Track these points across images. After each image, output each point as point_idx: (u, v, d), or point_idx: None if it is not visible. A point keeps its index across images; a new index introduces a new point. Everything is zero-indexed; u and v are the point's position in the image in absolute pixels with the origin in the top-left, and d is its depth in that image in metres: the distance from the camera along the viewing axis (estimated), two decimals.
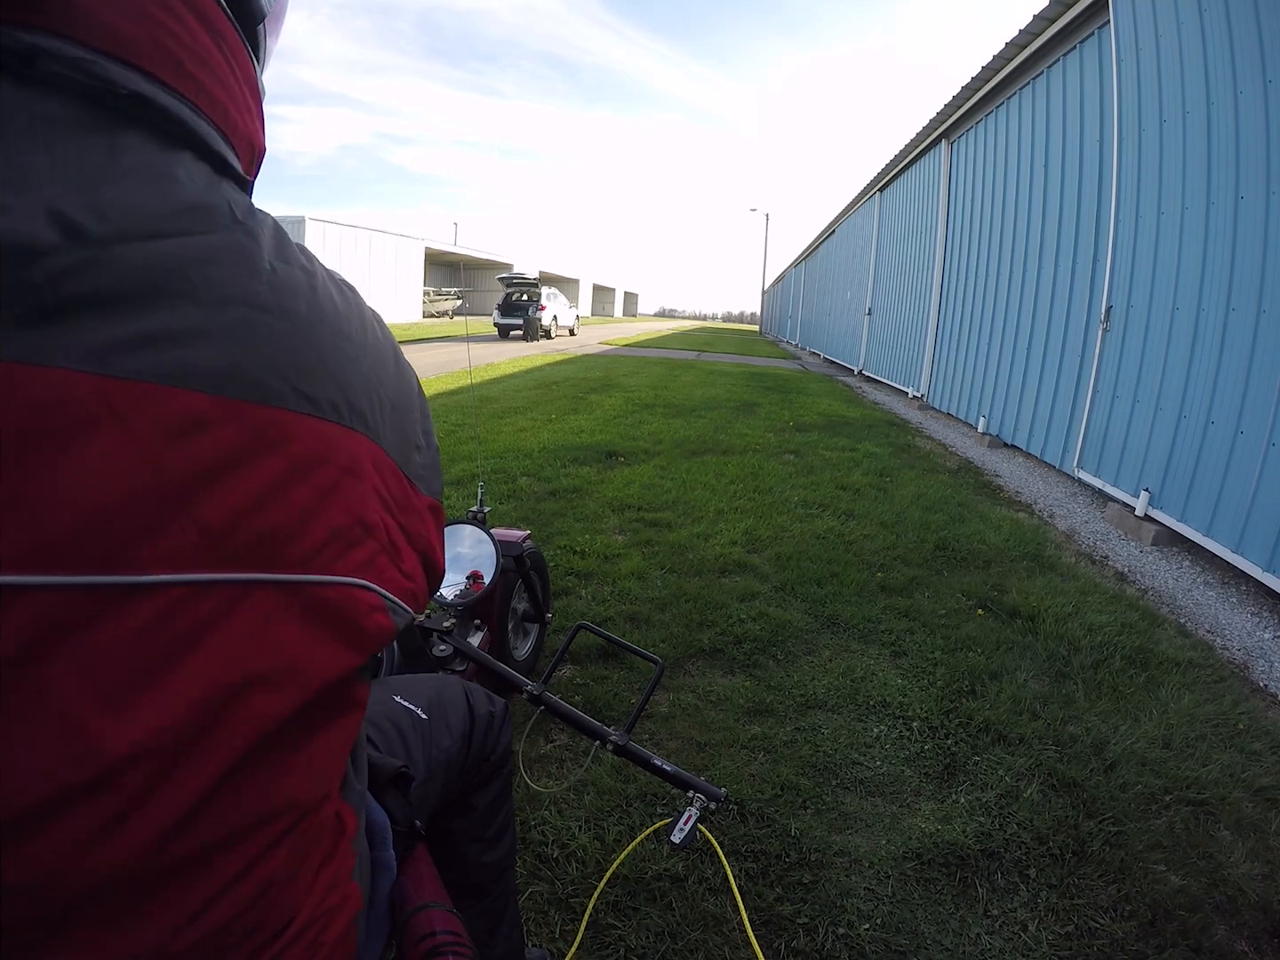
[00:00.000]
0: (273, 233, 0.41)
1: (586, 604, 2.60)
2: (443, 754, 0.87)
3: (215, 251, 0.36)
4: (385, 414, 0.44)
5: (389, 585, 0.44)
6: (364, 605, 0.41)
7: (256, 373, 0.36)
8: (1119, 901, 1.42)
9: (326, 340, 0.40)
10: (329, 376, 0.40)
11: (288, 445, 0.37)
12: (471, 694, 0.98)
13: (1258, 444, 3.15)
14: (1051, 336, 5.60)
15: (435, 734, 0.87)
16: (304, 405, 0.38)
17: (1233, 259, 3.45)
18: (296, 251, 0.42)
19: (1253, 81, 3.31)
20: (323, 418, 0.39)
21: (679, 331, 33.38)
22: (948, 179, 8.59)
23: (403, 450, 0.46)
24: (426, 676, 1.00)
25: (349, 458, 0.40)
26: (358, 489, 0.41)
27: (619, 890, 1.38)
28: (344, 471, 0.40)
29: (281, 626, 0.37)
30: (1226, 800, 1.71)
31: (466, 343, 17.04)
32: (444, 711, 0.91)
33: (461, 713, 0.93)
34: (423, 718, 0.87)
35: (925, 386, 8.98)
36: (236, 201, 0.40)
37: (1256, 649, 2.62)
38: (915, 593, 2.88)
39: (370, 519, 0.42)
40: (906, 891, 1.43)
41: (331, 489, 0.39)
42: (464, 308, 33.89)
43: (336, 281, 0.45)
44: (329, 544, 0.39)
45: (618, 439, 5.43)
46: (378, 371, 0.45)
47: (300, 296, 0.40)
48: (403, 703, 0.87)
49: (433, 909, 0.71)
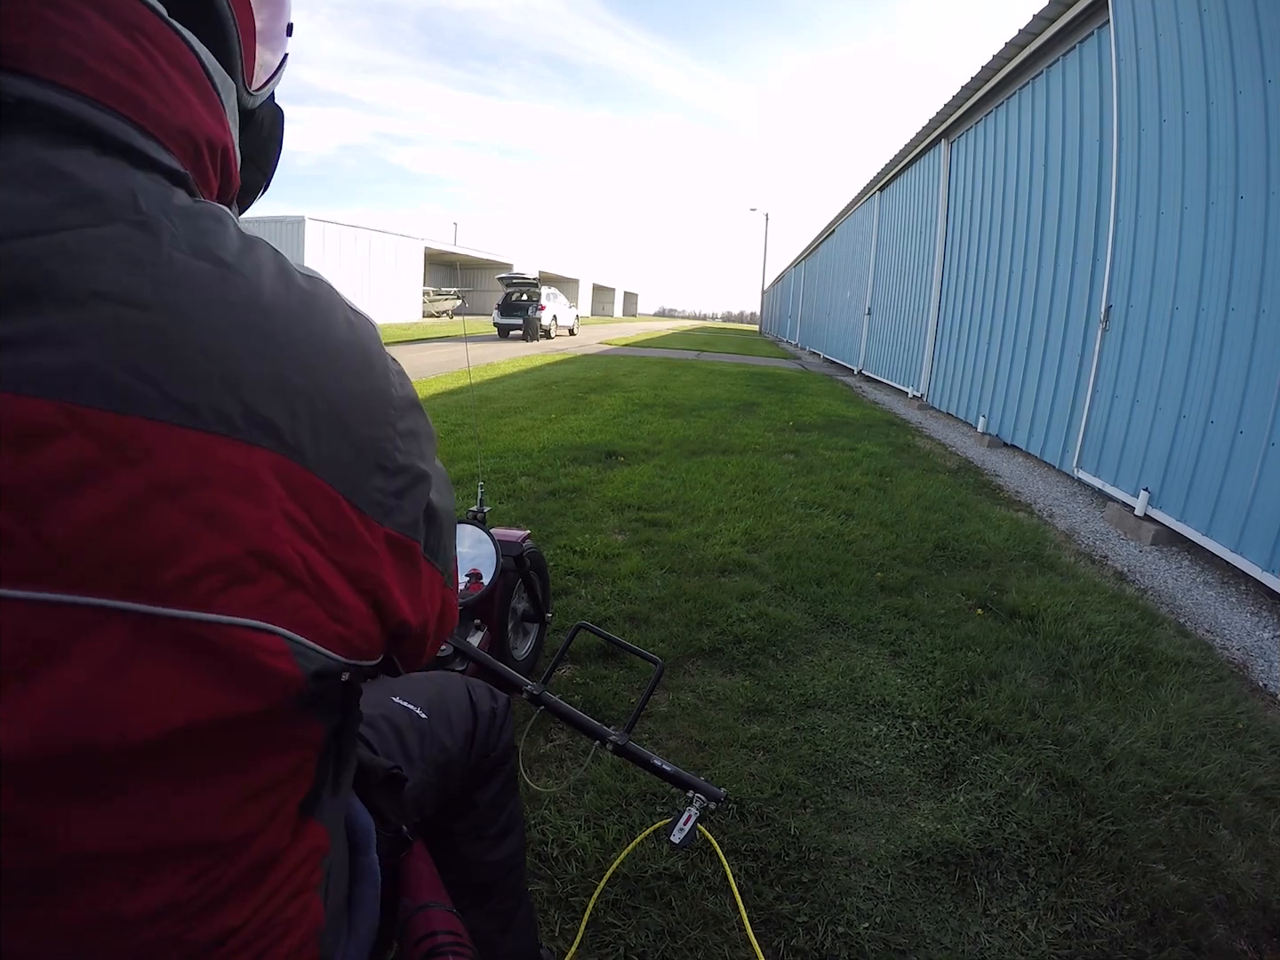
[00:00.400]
0: (201, 223, 0.38)
1: (586, 604, 2.60)
2: (443, 754, 0.85)
3: (95, 245, 0.34)
4: (319, 426, 0.38)
5: (304, 629, 0.38)
6: (258, 648, 0.36)
7: (116, 376, 0.32)
8: (1118, 900, 1.43)
9: (227, 338, 0.35)
10: (220, 380, 0.34)
11: (150, 460, 0.32)
12: (474, 690, 0.97)
13: (1257, 443, 3.15)
14: (1051, 336, 5.60)
15: (435, 733, 0.86)
16: (177, 414, 0.33)
17: (1232, 258, 3.46)
18: (237, 241, 0.39)
19: (1252, 81, 3.31)
20: (203, 429, 0.34)
21: (679, 331, 33.39)
22: (947, 178, 8.59)
23: (349, 471, 0.40)
24: (427, 675, 0.98)
25: (241, 477, 0.35)
26: (254, 515, 0.35)
27: (619, 889, 1.38)
28: (233, 493, 0.34)
29: (140, 660, 0.33)
30: (1225, 799, 1.71)
31: (465, 343, 17.04)
32: (445, 710, 0.90)
33: (463, 711, 0.92)
34: (422, 717, 0.86)
35: (925, 386, 8.98)
36: (150, 193, 0.37)
37: (1256, 648, 2.63)
38: (915, 592, 2.88)
39: (275, 550, 0.36)
40: (906, 890, 1.43)
41: (211, 513, 0.34)
42: (463, 308, 33.88)
43: (293, 273, 0.41)
44: (206, 575, 0.34)
45: (617, 439, 5.43)
46: (315, 375, 0.38)
47: (197, 290, 0.35)
48: (401, 703, 0.86)
49: (433, 909, 0.71)
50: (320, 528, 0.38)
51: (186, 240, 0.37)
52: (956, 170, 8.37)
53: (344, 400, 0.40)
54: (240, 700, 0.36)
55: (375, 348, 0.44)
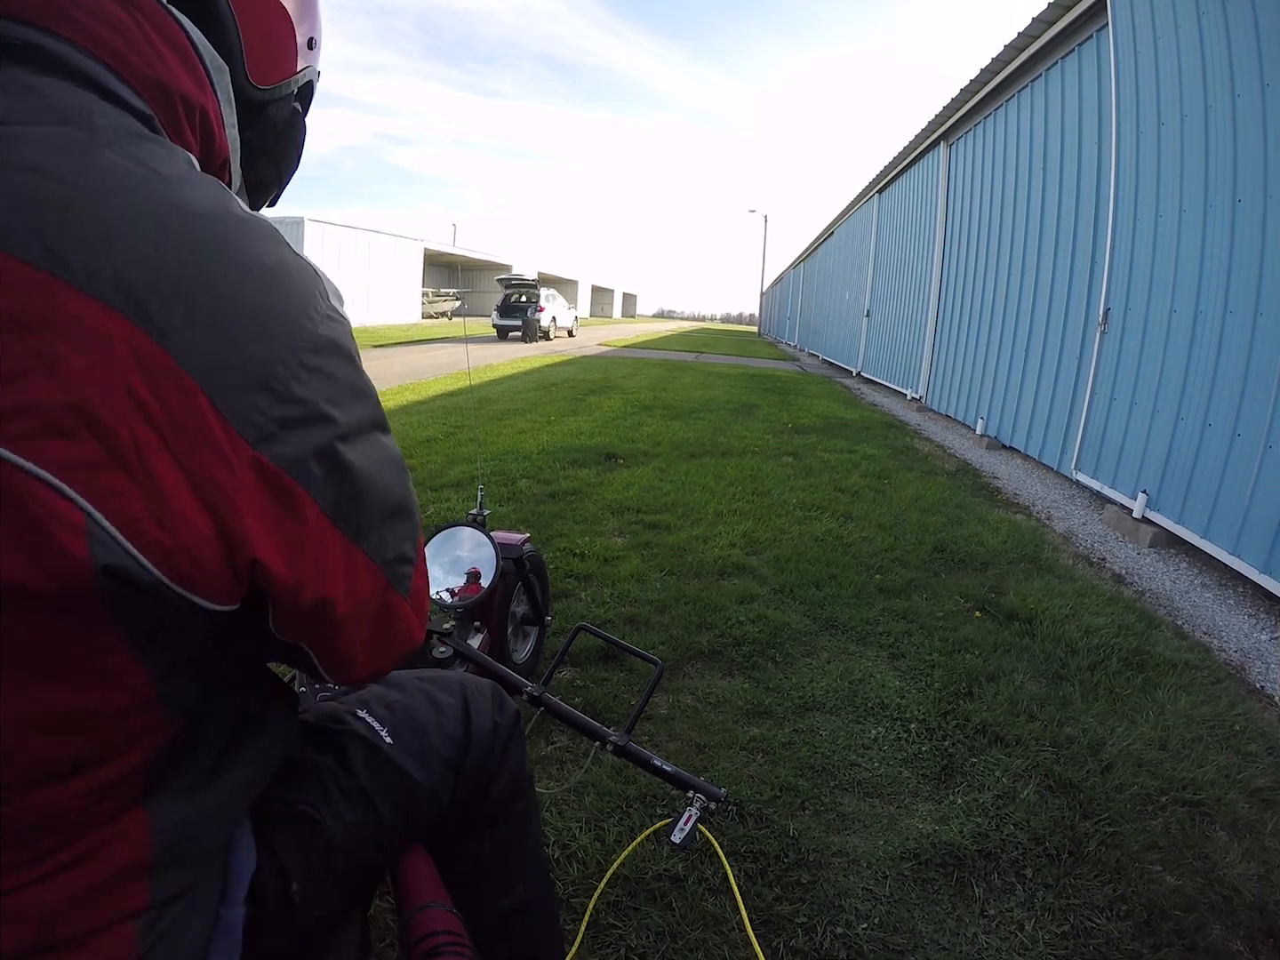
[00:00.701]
0: (148, 145, 0.42)
1: (586, 606, 2.61)
2: (405, 793, 0.70)
3: (37, 134, 0.38)
4: (196, 319, 0.38)
5: (113, 514, 0.35)
6: (53, 513, 0.34)
7: (9, 222, 0.35)
8: (1115, 901, 1.43)
9: (128, 221, 0.37)
10: (102, 247, 0.36)
11: (10, 293, 0.34)
12: (473, 703, 0.81)
13: (1255, 446, 3.16)
14: (1050, 338, 5.62)
15: (398, 763, 0.70)
16: (51, 263, 0.35)
17: (1230, 261, 3.47)
18: (183, 166, 0.43)
19: (1250, 85, 3.33)
20: (67, 280, 0.35)
21: (678, 333, 33.41)
22: (946, 181, 8.61)
23: (222, 374, 0.38)
24: (418, 679, 0.82)
25: (89, 335, 0.35)
26: (89, 373, 0.34)
27: (619, 890, 1.38)
28: (75, 346, 0.34)
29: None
30: (1222, 801, 1.72)
31: (465, 344, 17.04)
32: (421, 732, 0.74)
33: (451, 733, 0.76)
34: (386, 742, 0.71)
35: (923, 388, 9.00)
36: (108, 115, 0.42)
37: (1253, 650, 2.64)
38: (913, 595, 2.88)
39: (100, 415, 0.35)
40: (904, 891, 1.43)
41: (51, 359, 0.34)
42: (463, 309, 33.89)
43: (235, 203, 0.44)
44: (24, 414, 0.33)
45: (617, 441, 5.44)
46: (209, 275, 0.39)
47: (118, 180, 0.38)
48: (365, 718, 0.72)
49: (432, 909, 0.71)
50: (169, 416, 0.36)
51: (125, 150, 0.40)
52: (955, 172, 8.39)
53: (235, 308, 0.39)
54: (25, 566, 0.34)
55: (303, 285, 0.44)
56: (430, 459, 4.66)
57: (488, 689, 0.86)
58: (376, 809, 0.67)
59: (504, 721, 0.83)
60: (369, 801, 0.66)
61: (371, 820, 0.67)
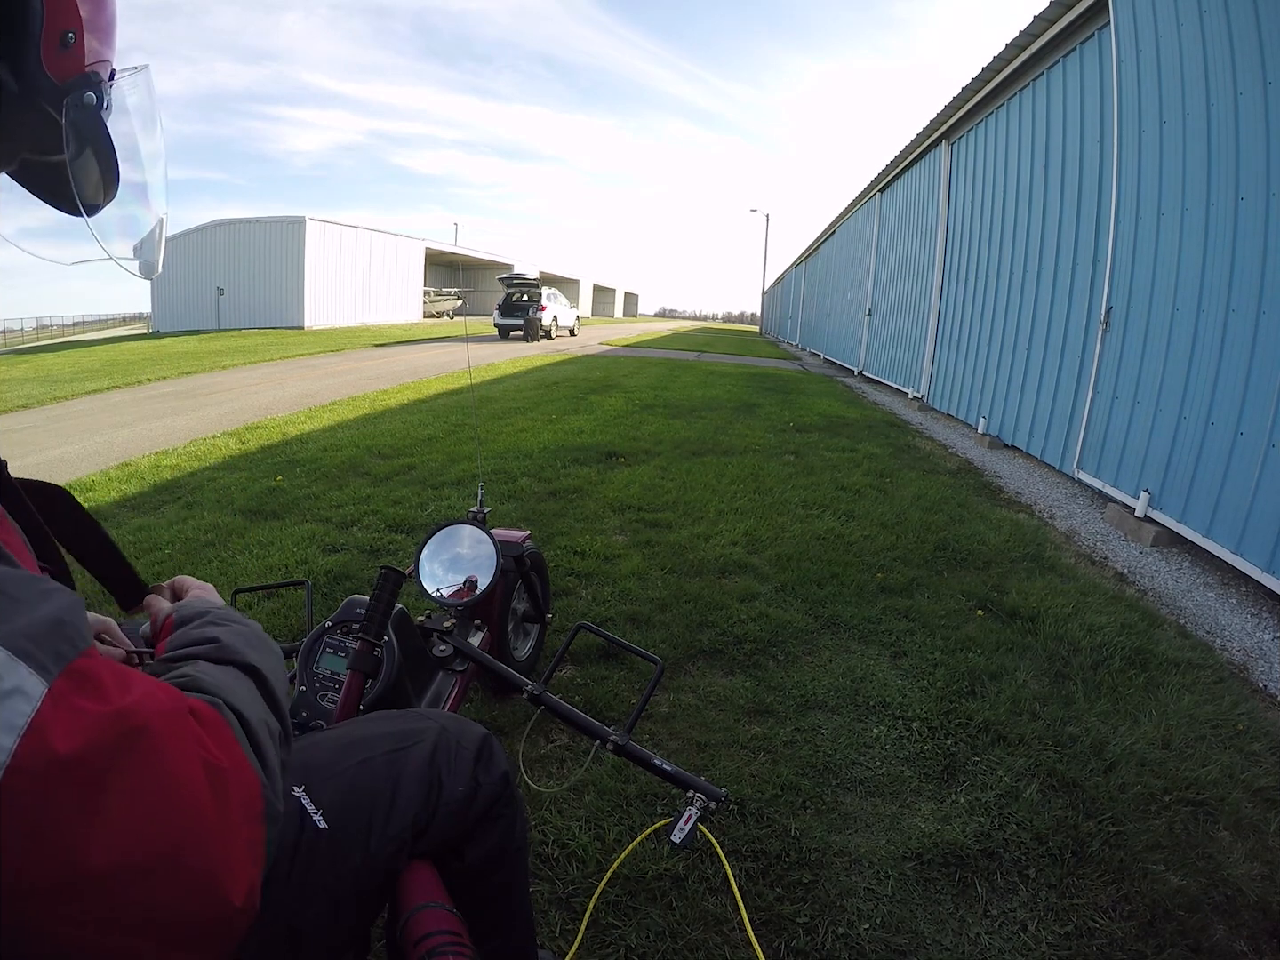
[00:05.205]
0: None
1: (587, 604, 2.60)
2: (343, 883, 0.63)
3: None
4: None
5: None
6: None
7: None
8: (1118, 901, 1.43)
9: None
10: None
11: None
12: (445, 766, 0.73)
13: (1257, 445, 3.15)
14: (1051, 338, 5.60)
15: (333, 853, 0.63)
16: None
17: (1232, 260, 3.46)
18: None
19: (1253, 83, 3.31)
20: None
21: (679, 332, 33.38)
22: (948, 180, 8.59)
23: None
24: (384, 733, 0.73)
25: None
26: None
27: (619, 890, 1.38)
28: None
29: None
30: (1226, 801, 1.71)
31: (466, 343, 17.04)
32: (365, 812, 0.66)
33: (403, 805, 0.69)
34: (320, 829, 0.63)
35: (925, 387, 8.98)
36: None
37: (1256, 650, 2.63)
38: (915, 593, 2.88)
39: None
40: (906, 891, 1.43)
41: None
42: (464, 308, 33.89)
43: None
44: None
45: (618, 439, 5.43)
46: None
47: None
48: (298, 797, 0.64)
49: (431, 909, 0.70)
50: None
51: None
52: (957, 172, 8.37)
53: None
54: None
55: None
56: (431, 457, 4.66)
57: (473, 744, 0.78)
58: (302, 905, 0.62)
59: (488, 782, 0.76)
60: (289, 899, 0.60)
61: (294, 917, 0.61)
